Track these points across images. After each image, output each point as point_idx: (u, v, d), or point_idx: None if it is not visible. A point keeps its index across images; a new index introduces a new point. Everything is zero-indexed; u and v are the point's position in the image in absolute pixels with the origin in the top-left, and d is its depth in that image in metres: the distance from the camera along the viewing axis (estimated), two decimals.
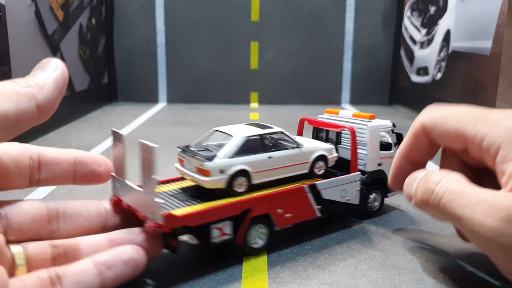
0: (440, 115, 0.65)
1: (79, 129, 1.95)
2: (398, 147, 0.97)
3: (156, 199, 0.62)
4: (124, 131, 1.92)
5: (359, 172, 0.88)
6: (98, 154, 0.68)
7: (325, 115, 0.99)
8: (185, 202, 0.73)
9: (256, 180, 0.77)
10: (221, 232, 0.71)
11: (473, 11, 1.86)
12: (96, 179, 0.65)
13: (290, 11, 2.75)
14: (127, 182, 0.69)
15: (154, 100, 2.79)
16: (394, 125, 0.95)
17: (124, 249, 0.59)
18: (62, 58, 2.06)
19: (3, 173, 0.53)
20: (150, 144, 0.61)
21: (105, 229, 0.65)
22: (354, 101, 2.82)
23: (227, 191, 0.74)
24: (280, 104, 2.79)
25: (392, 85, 2.82)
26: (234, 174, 0.74)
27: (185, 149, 0.80)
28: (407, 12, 2.65)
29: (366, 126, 0.90)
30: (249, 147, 0.76)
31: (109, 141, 1.73)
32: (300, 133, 0.98)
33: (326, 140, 0.96)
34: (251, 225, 0.75)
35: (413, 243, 0.84)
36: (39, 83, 0.51)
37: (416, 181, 0.64)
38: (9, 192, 1.17)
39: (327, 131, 0.96)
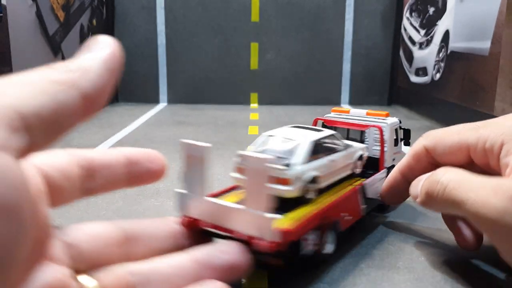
0: (440, 133, 0.67)
1: (79, 129, 1.96)
2: (403, 142, 1.00)
3: (271, 215, 0.55)
4: (125, 131, 1.92)
5: (386, 169, 0.92)
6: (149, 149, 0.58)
7: (333, 114, 1.00)
8: None
9: (321, 185, 0.75)
10: (309, 243, 0.68)
11: (472, 11, 1.87)
12: (150, 178, 0.54)
13: (290, 12, 2.76)
14: (216, 200, 0.62)
15: (154, 100, 2.80)
16: (400, 122, 0.99)
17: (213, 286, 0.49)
18: (63, 59, 2.07)
19: (52, 189, 0.43)
20: (262, 156, 0.55)
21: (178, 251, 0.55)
22: (353, 102, 2.83)
23: (300, 199, 0.72)
24: (280, 104, 2.80)
25: (391, 86, 2.83)
26: (309, 180, 0.72)
27: None
28: (406, 13, 2.66)
29: (386, 123, 0.93)
30: (314, 151, 0.75)
31: (109, 141, 1.73)
32: None
33: (347, 139, 0.98)
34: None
35: (412, 242, 0.84)
36: (84, 65, 0.38)
37: (421, 182, 0.66)
38: None
39: (348, 130, 0.98)
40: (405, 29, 2.68)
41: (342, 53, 2.80)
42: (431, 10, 2.31)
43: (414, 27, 2.53)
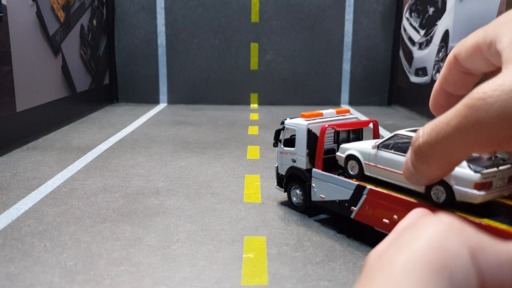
0: (464, 39, 0.63)
1: (80, 129, 1.96)
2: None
3: None
4: (125, 131, 1.93)
5: None
6: None
7: (311, 119, 1.00)
8: None
9: None
10: None
11: (471, 11, 1.88)
12: None
13: (289, 12, 2.77)
14: None
15: (154, 100, 2.80)
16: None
17: None
18: (64, 59, 2.08)
19: None
20: None
21: None
22: (353, 102, 2.83)
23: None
24: (279, 105, 2.80)
25: (391, 86, 2.83)
26: None
27: (499, 162, 0.76)
28: (406, 13, 2.67)
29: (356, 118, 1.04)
30: None
31: (110, 141, 1.74)
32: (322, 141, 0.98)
33: (348, 139, 1.00)
34: None
35: None
36: None
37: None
38: (3, 193, 1.17)
39: (348, 130, 1.00)
40: (404, 30, 2.68)
41: (342, 54, 2.81)
42: (431, 10, 2.32)
43: (414, 27, 2.54)
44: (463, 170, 0.72)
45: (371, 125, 1.02)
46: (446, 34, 2.13)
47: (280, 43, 2.79)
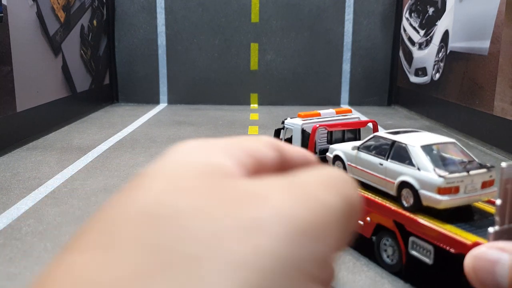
0: None
1: (80, 129, 1.96)
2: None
3: None
4: (125, 131, 1.93)
5: None
6: None
7: (308, 120, 1.00)
8: None
9: None
10: None
11: (471, 11, 1.88)
12: None
13: (289, 12, 2.77)
14: None
15: (155, 100, 2.80)
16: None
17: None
18: (64, 59, 2.08)
19: None
20: None
21: None
22: (353, 102, 2.83)
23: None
24: (279, 105, 2.80)
25: (391, 86, 2.83)
26: None
27: (470, 167, 0.72)
28: (405, 13, 2.67)
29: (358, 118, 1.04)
30: None
31: (110, 141, 1.74)
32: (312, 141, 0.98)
33: (343, 139, 1.00)
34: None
35: None
36: None
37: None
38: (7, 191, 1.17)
39: (343, 130, 1.00)
40: (404, 30, 2.68)
41: (342, 54, 2.81)
42: (431, 10, 2.32)
43: (414, 28, 2.54)
44: (428, 174, 0.69)
45: (370, 125, 1.03)
46: (446, 34, 2.13)
47: (280, 43, 2.79)
